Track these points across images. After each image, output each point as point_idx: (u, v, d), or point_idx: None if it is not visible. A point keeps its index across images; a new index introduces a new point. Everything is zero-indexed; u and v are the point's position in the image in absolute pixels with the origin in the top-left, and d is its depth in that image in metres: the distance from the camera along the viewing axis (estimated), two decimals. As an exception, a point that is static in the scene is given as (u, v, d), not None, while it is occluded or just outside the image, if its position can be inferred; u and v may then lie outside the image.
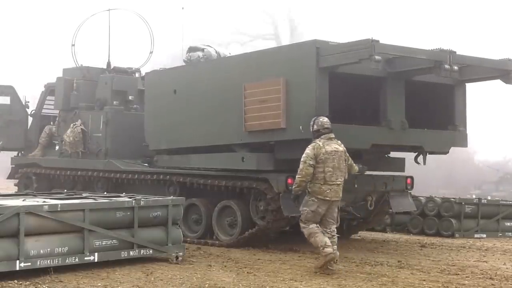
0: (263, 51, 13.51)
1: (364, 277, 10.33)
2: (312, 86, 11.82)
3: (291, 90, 12.13)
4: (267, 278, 10.01)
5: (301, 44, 12.50)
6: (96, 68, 17.21)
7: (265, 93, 12.45)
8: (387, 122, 12.48)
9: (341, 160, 10.81)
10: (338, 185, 10.80)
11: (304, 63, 12.03)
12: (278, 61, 12.56)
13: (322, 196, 10.69)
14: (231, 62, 14.09)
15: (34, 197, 11.43)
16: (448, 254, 13.46)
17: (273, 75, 12.43)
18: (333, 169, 10.69)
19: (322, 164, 10.65)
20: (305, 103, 11.93)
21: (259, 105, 12.55)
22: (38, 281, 9.22)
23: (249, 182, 13.18)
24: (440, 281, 10.19)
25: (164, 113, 14.82)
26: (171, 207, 11.28)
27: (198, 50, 14.62)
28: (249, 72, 13.04)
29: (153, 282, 9.52)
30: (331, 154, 10.70)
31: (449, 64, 11.66)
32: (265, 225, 13.10)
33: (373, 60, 10.92)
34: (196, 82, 14.21)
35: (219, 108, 13.60)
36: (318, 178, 10.67)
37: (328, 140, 10.84)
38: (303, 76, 12.01)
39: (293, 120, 12.10)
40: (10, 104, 17.49)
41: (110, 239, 10.47)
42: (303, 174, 10.67)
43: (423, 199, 17.14)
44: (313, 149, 10.72)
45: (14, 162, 17.95)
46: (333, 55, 11.73)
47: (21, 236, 9.40)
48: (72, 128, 16.06)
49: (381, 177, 14.24)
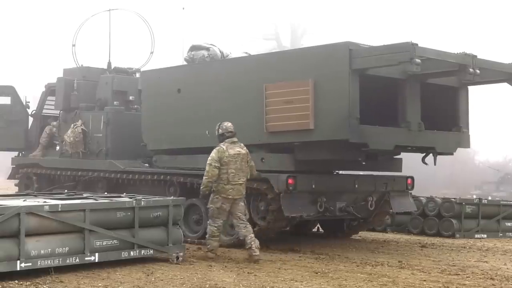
0: (287, 52, 13.29)
1: (364, 277, 10.34)
2: (344, 88, 11.83)
3: (320, 91, 12.10)
4: (267, 278, 10.00)
5: (333, 45, 12.35)
6: (97, 68, 17.20)
7: (290, 94, 12.38)
8: (406, 123, 12.59)
9: (243, 162, 11.81)
10: (241, 184, 11.78)
11: (336, 64, 12.01)
12: (305, 62, 12.49)
13: (225, 195, 11.68)
14: (249, 62, 13.86)
15: (34, 197, 11.43)
16: (448, 254, 13.47)
17: (300, 76, 12.38)
18: (235, 170, 11.69)
19: (226, 166, 11.65)
20: (337, 105, 11.97)
21: (283, 106, 12.49)
22: (39, 282, 9.22)
23: (250, 182, 13.16)
24: (440, 281, 10.19)
25: (166, 113, 14.65)
26: (171, 207, 11.27)
27: (202, 49, 14.48)
28: (271, 72, 12.91)
29: (153, 282, 9.52)
30: (233, 157, 11.71)
31: (473, 68, 11.96)
32: (265, 225, 13.10)
33: (414, 63, 11.14)
34: (205, 82, 14.03)
35: (234, 108, 13.41)
36: (222, 179, 11.65)
37: (232, 143, 11.86)
38: (335, 77, 12.00)
39: (322, 121, 12.11)
40: (11, 104, 17.49)
41: (110, 239, 10.47)
42: (209, 176, 11.65)
43: (423, 199, 17.15)
44: (217, 152, 11.74)
45: (15, 162, 17.94)
46: (366, 58, 11.82)
47: (21, 237, 9.39)
48: (72, 128, 16.06)
49: (382, 177, 14.28)
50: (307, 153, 12.94)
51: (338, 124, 11.89)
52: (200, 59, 14.44)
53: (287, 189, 12.59)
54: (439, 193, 21.70)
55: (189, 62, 14.66)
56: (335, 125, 11.98)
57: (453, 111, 13.76)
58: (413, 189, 14.86)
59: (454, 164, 33.30)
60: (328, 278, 10.21)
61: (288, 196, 12.69)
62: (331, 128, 12.07)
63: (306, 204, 12.97)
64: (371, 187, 14.00)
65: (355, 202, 13.76)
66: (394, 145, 12.70)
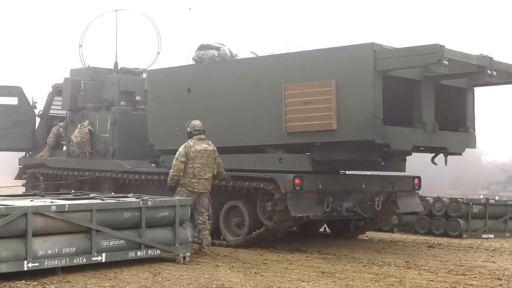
0: (308, 52, 13.08)
1: (371, 277, 10.32)
2: (369, 89, 11.87)
3: (343, 92, 12.11)
4: (274, 279, 10.00)
5: (357, 46, 12.32)
6: (104, 68, 17.21)
7: (311, 94, 12.36)
8: (422, 124, 12.64)
9: (209, 158, 12.31)
10: (206, 179, 12.29)
11: (360, 65, 12.02)
12: (327, 62, 12.46)
13: (191, 188, 12.17)
14: (267, 62, 13.72)
15: (41, 198, 11.45)
16: (455, 254, 13.45)
17: (321, 76, 12.37)
18: (201, 165, 12.20)
19: (192, 161, 12.18)
20: (361, 106, 12.00)
21: (303, 106, 12.47)
22: (46, 282, 9.23)
23: (256, 182, 13.17)
24: (447, 281, 10.17)
25: (174, 113, 14.52)
26: (178, 208, 11.28)
27: (212, 49, 14.36)
28: (290, 72, 12.87)
29: (160, 282, 9.52)
30: (200, 152, 12.23)
31: (490, 70, 12.17)
32: (272, 226, 13.10)
33: (442, 64, 11.29)
34: (217, 81, 13.96)
35: (250, 108, 13.38)
36: (188, 173, 12.18)
37: (199, 140, 12.37)
38: (359, 78, 12.02)
39: (345, 121, 12.12)
40: (18, 105, 17.53)
41: (117, 239, 10.47)
42: (175, 169, 12.21)
43: (430, 200, 17.14)
44: (184, 147, 12.27)
45: (22, 163, 17.98)
46: (391, 59, 11.88)
47: (28, 237, 9.40)
48: (79, 128, 16.08)
49: (389, 177, 14.27)
50: (326, 153, 12.96)
51: (362, 124, 11.95)
52: (209, 58, 14.32)
53: (293, 189, 12.59)
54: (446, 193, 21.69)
55: (197, 61, 14.52)
56: (359, 125, 12.03)
57: (461, 111, 13.83)
58: (420, 189, 14.85)
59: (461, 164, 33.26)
60: (335, 278, 10.20)
61: (295, 196, 12.69)
62: (355, 128, 12.10)
63: (312, 204, 12.96)
64: (378, 187, 14.00)
65: (361, 202, 13.76)
66: (412, 146, 12.81)
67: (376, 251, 13.40)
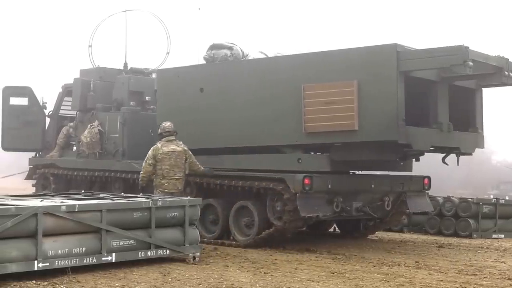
0: (328, 52, 13.05)
1: (381, 277, 10.31)
2: (392, 89, 11.91)
3: (365, 92, 12.12)
4: (284, 279, 10.00)
5: (380, 47, 12.33)
6: (113, 69, 17.24)
7: (332, 94, 12.36)
8: (438, 124, 12.71)
9: (178, 159, 12.96)
10: (177, 179, 12.95)
11: (383, 66, 12.05)
12: (349, 63, 12.46)
13: (161, 189, 12.89)
14: (286, 61, 13.58)
15: (52, 198, 11.47)
16: (465, 254, 13.42)
17: (343, 76, 12.37)
18: (169, 166, 12.87)
19: (160, 163, 12.86)
20: (384, 106, 12.03)
21: (323, 107, 12.45)
22: (56, 281, 9.25)
23: (266, 182, 13.17)
24: (457, 281, 10.15)
25: (186, 112, 14.42)
26: (188, 208, 11.28)
27: (224, 48, 14.26)
28: (310, 72, 12.84)
29: (170, 282, 9.53)
30: (167, 154, 12.89)
31: (507, 71, 12.32)
32: (282, 226, 13.10)
33: (467, 66, 11.38)
34: (232, 81, 13.88)
35: (268, 109, 13.32)
36: (158, 174, 12.90)
37: (167, 142, 13.02)
38: (381, 79, 12.04)
39: (367, 122, 12.14)
40: (28, 105, 17.57)
41: (127, 239, 10.49)
42: (144, 171, 13.04)
43: (440, 199, 17.10)
44: (152, 150, 12.97)
45: (32, 163, 18.02)
46: (414, 60, 11.92)
47: (39, 237, 9.43)
48: (89, 129, 16.11)
49: (398, 177, 14.27)
50: (345, 153, 12.98)
51: (386, 125, 11.97)
52: (221, 58, 14.20)
53: (303, 189, 12.59)
54: (456, 193, 21.64)
55: (208, 61, 14.40)
56: (382, 126, 12.05)
57: (470, 112, 13.87)
58: (429, 189, 14.85)
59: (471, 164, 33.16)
60: (345, 278, 10.19)
61: (304, 196, 12.68)
62: (378, 129, 12.12)
63: (322, 204, 12.96)
64: (388, 187, 14.00)
65: (371, 202, 13.75)
66: (430, 146, 12.87)
67: (386, 251, 13.39)
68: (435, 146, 13.17)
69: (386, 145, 12.69)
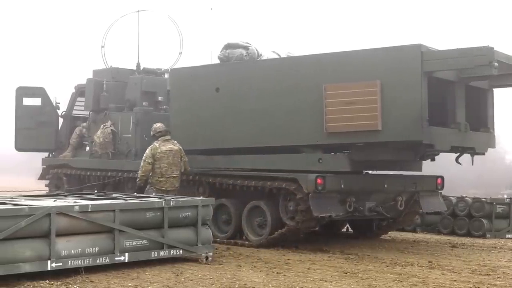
0: (350, 52, 13.04)
1: (394, 277, 10.29)
2: (416, 90, 11.93)
3: (388, 92, 12.13)
4: (296, 279, 9.99)
5: (404, 47, 12.33)
6: (126, 69, 17.26)
7: (355, 94, 12.34)
8: (456, 124, 12.74)
9: (175, 157, 13.40)
10: (174, 177, 13.38)
11: (407, 66, 12.07)
12: (371, 63, 12.46)
13: (159, 186, 13.22)
14: (306, 61, 13.48)
15: (65, 198, 11.50)
16: (479, 254, 13.38)
17: (365, 76, 12.37)
18: (168, 165, 13.29)
19: (159, 162, 13.25)
20: (408, 106, 12.05)
21: (345, 107, 12.44)
22: (69, 281, 9.27)
23: (279, 182, 13.16)
24: (471, 281, 10.12)
25: (200, 112, 14.36)
26: (200, 208, 11.29)
27: (239, 48, 14.17)
28: (332, 72, 12.82)
29: (183, 282, 9.54)
30: (165, 153, 13.30)
31: None
32: (294, 225, 13.09)
33: (493, 66, 11.49)
34: (250, 81, 13.80)
35: (288, 109, 13.27)
36: (156, 173, 13.26)
37: (164, 141, 13.46)
38: (405, 79, 12.06)
39: (391, 122, 12.15)
40: (41, 106, 17.62)
41: (140, 239, 10.51)
42: (143, 170, 13.32)
43: (453, 199, 17.06)
44: (151, 149, 13.36)
45: (45, 163, 18.07)
46: (438, 60, 11.94)
47: (52, 237, 9.46)
48: (102, 129, 16.14)
49: (411, 177, 14.25)
50: (366, 154, 12.99)
51: (410, 125, 12.01)
52: (236, 58, 14.10)
53: (316, 189, 12.58)
54: (469, 192, 21.54)
55: (223, 60, 14.29)
56: (406, 126, 12.07)
57: (482, 112, 13.89)
58: (443, 189, 14.82)
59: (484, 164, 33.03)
60: (358, 278, 10.17)
61: (317, 196, 12.67)
62: (402, 129, 12.13)
63: (335, 204, 12.94)
64: (401, 187, 13.97)
65: (384, 202, 13.73)
66: (451, 146, 12.88)
67: (399, 251, 13.36)
68: (453, 146, 13.16)
69: (407, 145, 12.72)
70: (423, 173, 14.63)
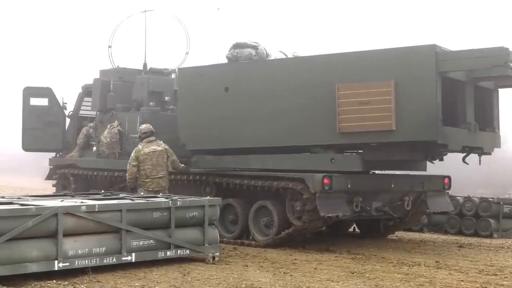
0: (364, 52, 13.02)
1: (401, 277, 10.28)
2: (431, 90, 11.97)
3: (402, 92, 12.15)
4: (303, 279, 9.99)
5: (418, 47, 12.35)
6: (133, 69, 17.27)
7: (368, 94, 12.34)
8: (467, 124, 12.77)
9: (159, 158, 13.33)
10: (160, 178, 13.34)
11: (422, 66, 12.10)
12: (385, 63, 12.47)
13: (145, 187, 13.27)
14: (318, 61, 13.40)
15: (72, 198, 11.52)
16: (486, 254, 13.35)
17: (379, 76, 12.37)
18: (152, 166, 13.26)
19: (143, 164, 13.24)
20: (423, 106, 12.08)
21: (358, 107, 12.43)
22: (76, 281, 9.29)
23: (285, 182, 13.16)
24: (478, 281, 10.10)
25: (210, 112, 14.29)
26: (207, 208, 11.30)
27: (248, 47, 14.09)
28: (344, 72, 12.81)
29: (190, 282, 9.55)
30: (148, 154, 13.27)
31: None
32: (301, 225, 13.09)
33: (508, 67, 11.57)
34: (261, 81, 13.74)
35: (299, 108, 13.22)
36: (142, 174, 13.29)
37: (148, 143, 13.41)
38: (420, 79, 12.09)
39: (405, 122, 12.17)
40: (48, 106, 17.65)
41: (147, 239, 10.52)
42: (129, 173, 13.40)
43: (460, 199, 17.02)
44: (135, 152, 13.40)
45: (52, 163, 18.10)
46: (453, 61, 12.00)
47: (59, 237, 9.48)
48: (109, 129, 16.15)
49: (418, 177, 14.24)
50: (379, 154, 13.00)
51: (425, 125, 12.04)
52: (245, 57, 14.03)
53: (322, 189, 12.57)
54: (476, 192, 21.51)
55: (231, 60, 14.21)
56: (421, 126, 12.10)
57: (488, 112, 13.88)
58: (450, 188, 14.81)
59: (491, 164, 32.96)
60: (365, 278, 10.16)
61: (324, 196, 12.67)
62: (416, 129, 12.15)
63: (342, 204, 12.93)
64: (407, 186, 13.95)
65: (391, 202, 13.72)
66: (462, 146, 12.93)
67: (406, 251, 13.34)
68: (464, 146, 13.16)
69: (420, 146, 12.78)
70: (430, 173, 14.61)
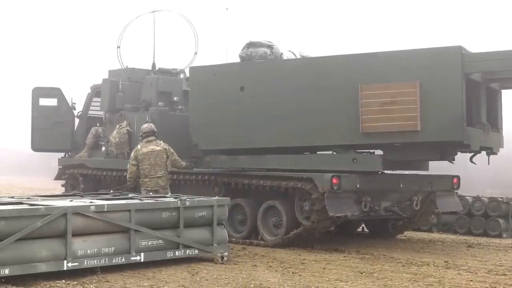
0: (388, 53, 13.03)
1: (410, 277, 10.27)
2: (457, 91, 12.03)
3: (427, 93, 12.18)
4: (312, 279, 9.99)
5: (444, 49, 12.40)
6: (141, 69, 17.27)
7: (392, 95, 12.36)
8: (481, 124, 12.84)
9: (158, 158, 13.24)
10: (159, 177, 13.23)
11: (448, 68, 12.16)
12: (411, 64, 12.50)
13: (145, 187, 13.26)
14: (340, 61, 13.33)
15: (81, 198, 11.54)
16: (495, 254, 13.33)
17: (404, 77, 12.39)
18: (149, 166, 13.18)
19: (141, 163, 13.22)
20: (448, 107, 12.14)
21: (382, 107, 12.44)
22: (85, 281, 9.31)
23: (294, 182, 13.16)
24: (487, 281, 10.09)
25: (224, 112, 14.19)
26: (216, 208, 11.31)
27: (262, 46, 14.01)
28: (367, 73, 12.79)
29: (198, 282, 9.56)
30: (147, 154, 13.21)
31: None
32: (310, 225, 13.08)
33: None
34: (279, 80, 13.63)
35: (319, 108, 13.16)
36: (141, 174, 13.26)
37: (147, 143, 13.34)
38: (446, 80, 12.14)
39: (430, 122, 12.20)
40: (57, 106, 17.67)
41: (156, 239, 10.54)
42: (129, 172, 13.44)
43: (469, 199, 16.97)
44: (134, 152, 13.45)
45: (61, 163, 18.13)
46: (478, 62, 12.08)
47: (68, 236, 9.50)
48: (118, 129, 16.16)
49: (427, 176, 14.23)
50: (402, 154, 13.02)
51: (451, 126, 12.09)
52: (260, 56, 13.94)
53: (331, 188, 12.56)
54: (485, 192, 21.47)
55: (245, 59, 14.11)
56: (447, 127, 12.15)
57: (493, 112, 13.85)
58: (459, 188, 14.79)
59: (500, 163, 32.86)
60: (373, 278, 10.16)
61: (333, 196, 12.66)
62: (442, 129, 12.19)
63: (350, 204, 12.93)
64: (416, 186, 13.94)
65: (400, 202, 13.71)
66: (480, 146, 12.98)
67: (415, 251, 13.33)
68: (481, 147, 13.20)
69: (444, 146, 12.84)
70: (439, 172, 14.60)
